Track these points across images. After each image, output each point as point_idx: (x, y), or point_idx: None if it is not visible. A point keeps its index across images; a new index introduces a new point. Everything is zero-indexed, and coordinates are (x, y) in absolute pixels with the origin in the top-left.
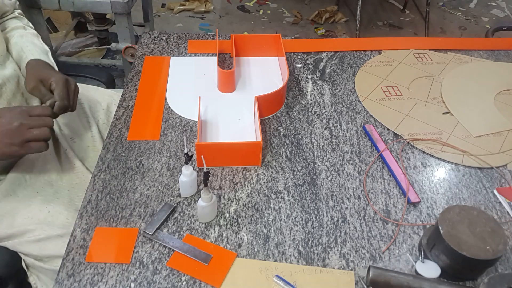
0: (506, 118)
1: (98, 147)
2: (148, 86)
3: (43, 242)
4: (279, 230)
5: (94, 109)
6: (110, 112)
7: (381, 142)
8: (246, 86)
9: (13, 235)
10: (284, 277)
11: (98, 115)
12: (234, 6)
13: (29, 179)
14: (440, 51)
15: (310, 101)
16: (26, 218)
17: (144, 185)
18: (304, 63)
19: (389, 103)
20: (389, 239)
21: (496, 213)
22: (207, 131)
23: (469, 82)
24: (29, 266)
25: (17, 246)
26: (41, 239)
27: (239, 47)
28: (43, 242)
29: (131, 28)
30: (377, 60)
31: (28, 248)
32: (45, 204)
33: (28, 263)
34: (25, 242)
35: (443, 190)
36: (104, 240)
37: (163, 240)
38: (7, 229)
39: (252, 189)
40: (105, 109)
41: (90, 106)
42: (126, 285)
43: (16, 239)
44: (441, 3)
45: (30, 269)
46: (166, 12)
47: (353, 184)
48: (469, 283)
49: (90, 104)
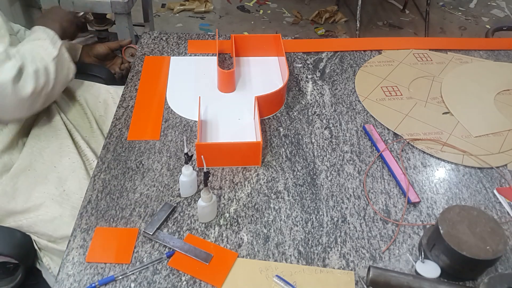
0: (506, 118)
1: (97, 138)
2: (148, 86)
3: (56, 221)
4: (279, 230)
5: (91, 102)
6: (108, 105)
7: (381, 142)
8: (246, 86)
9: (28, 210)
10: (284, 277)
11: (96, 108)
12: (234, 6)
13: (45, 155)
14: (440, 51)
15: (310, 101)
16: (43, 193)
17: (144, 185)
18: (304, 63)
19: (389, 103)
20: (389, 239)
21: (496, 213)
22: (207, 131)
23: (469, 82)
24: (42, 249)
25: (32, 225)
26: (55, 217)
27: (239, 47)
28: (56, 221)
29: (131, 28)
30: (377, 60)
31: (42, 228)
32: (61, 182)
33: (42, 245)
34: (39, 221)
35: (443, 190)
36: (104, 240)
37: (163, 240)
38: (23, 203)
39: (252, 189)
40: (101, 102)
41: (87, 99)
42: (126, 285)
43: (31, 214)
44: (441, 3)
45: (43, 251)
46: (166, 12)
47: (353, 184)
48: (469, 283)
49: (87, 98)
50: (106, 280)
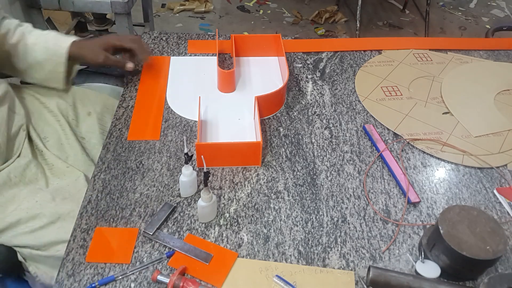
0: (506, 118)
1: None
2: (148, 86)
3: (37, 231)
4: (279, 230)
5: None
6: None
7: (381, 142)
8: (246, 86)
9: (7, 228)
10: (284, 277)
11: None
12: (234, 6)
13: (13, 178)
14: (440, 51)
15: (310, 101)
16: (16, 210)
17: (144, 185)
18: (304, 63)
19: (389, 103)
20: (389, 239)
21: (496, 213)
22: (207, 131)
23: (469, 82)
24: (27, 258)
25: (13, 240)
26: (35, 229)
27: (239, 47)
28: (37, 231)
29: (131, 28)
30: (377, 60)
31: (24, 240)
32: (32, 195)
33: (26, 255)
34: (19, 235)
35: (443, 190)
36: (104, 240)
37: (163, 240)
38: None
39: (252, 189)
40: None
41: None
42: (126, 285)
43: (10, 232)
44: (441, 3)
45: (28, 260)
46: (166, 12)
47: (353, 184)
48: (469, 283)
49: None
50: (106, 280)
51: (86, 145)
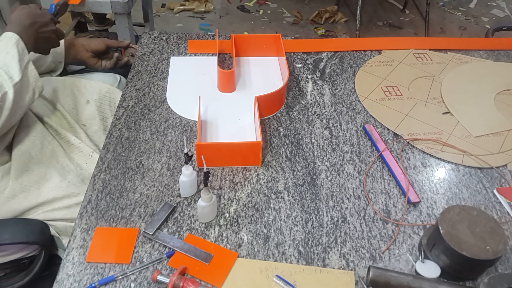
0: (506, 118)
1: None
2: None
3: (73, 207)
4: (279, 230)
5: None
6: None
7: (381, 142)
8: (246, 86)
9: (43, 204)
10: (284, 277)
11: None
12: (234, 6)
13: (35, 156)
14: (440, 51)
15: (310, 101)
16: (52, 188)
17: (144, 185)
18: (304, 63)
19: (389, 103)
20: (389, 239)
21: (496, 213)
22: (207, 131)
23: (469, 82)
24: (61, 233)
25: (49, 214)
26: (71, 205)
27: (239, 47)
28: (73, 207)
29: (131, 28)
30: (377, 60)
31: (60, 214)
32: (63, 176)
33: (61, 229)
34: (56, 210)
35: (443, 190)
36: (104, 240)
37: (163, 240)
38: (35, 199)
39: (252, 189)
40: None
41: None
42: (126, 285)
43: (46, 207)
44: (441, 3)
45: (62, 235)
46: (166, 12)
47: (353, 184)
48: (469, 283)
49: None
50: (106, 280)
51: (88, 131)
